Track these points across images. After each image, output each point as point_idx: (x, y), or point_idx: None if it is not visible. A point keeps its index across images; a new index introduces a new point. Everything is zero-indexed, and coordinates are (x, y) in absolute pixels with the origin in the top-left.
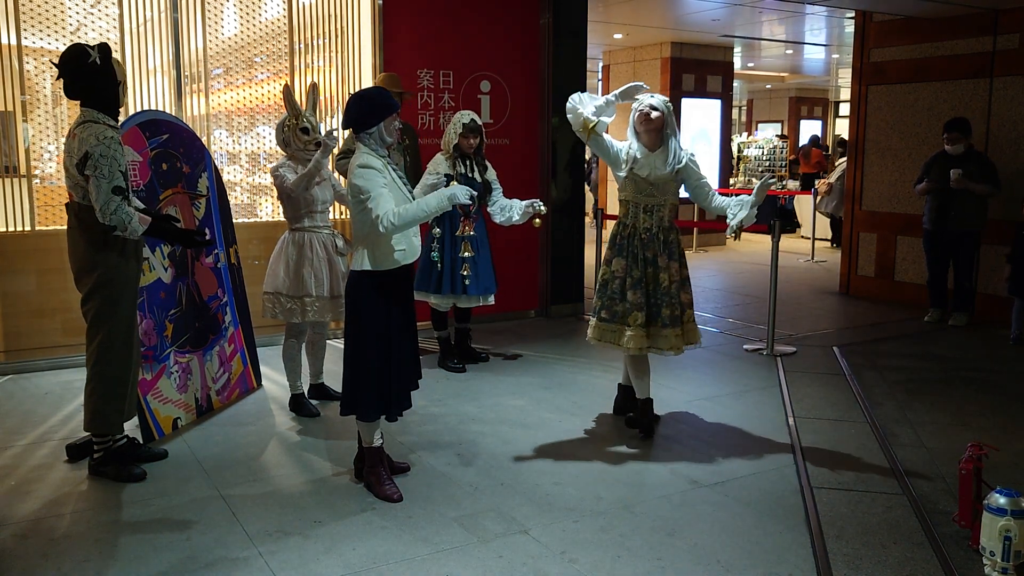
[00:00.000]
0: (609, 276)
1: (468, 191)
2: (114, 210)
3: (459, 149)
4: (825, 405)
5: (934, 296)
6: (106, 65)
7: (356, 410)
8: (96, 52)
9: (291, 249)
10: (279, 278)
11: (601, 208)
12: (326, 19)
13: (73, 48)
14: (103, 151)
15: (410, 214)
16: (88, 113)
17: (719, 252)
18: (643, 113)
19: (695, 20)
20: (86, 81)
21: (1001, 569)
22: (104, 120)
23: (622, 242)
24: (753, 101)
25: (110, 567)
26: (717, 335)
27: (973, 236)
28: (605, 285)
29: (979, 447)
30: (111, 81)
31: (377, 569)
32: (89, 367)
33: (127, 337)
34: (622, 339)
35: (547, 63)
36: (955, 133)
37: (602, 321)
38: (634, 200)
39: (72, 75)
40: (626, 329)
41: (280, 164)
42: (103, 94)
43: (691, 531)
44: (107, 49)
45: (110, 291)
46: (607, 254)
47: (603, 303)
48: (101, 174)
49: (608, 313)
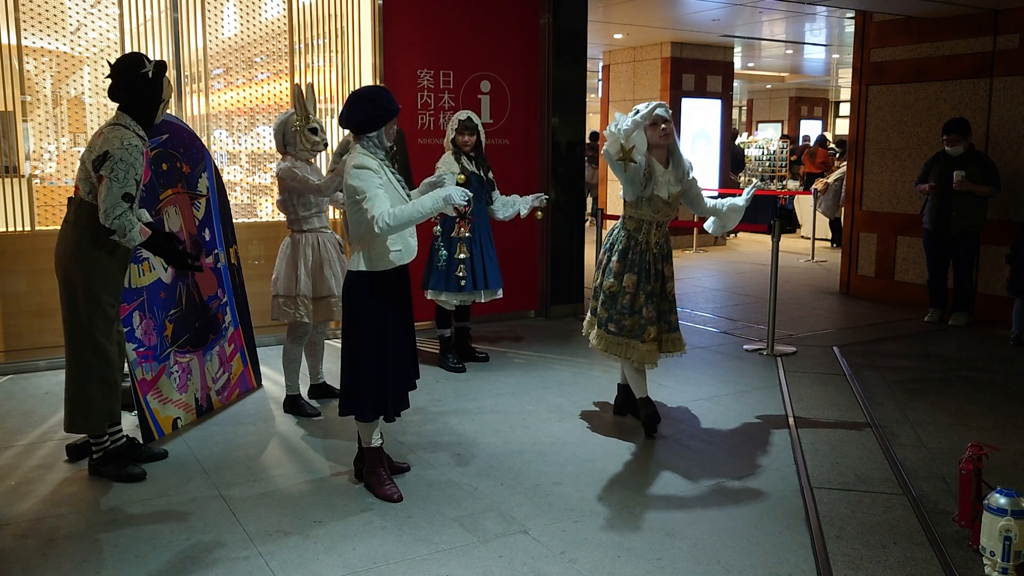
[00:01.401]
0: (619, 290)
1: (464, 192)
2: (118, 215)
3: (456, 146)
4: (825, 405)
5: (934, 296)
6: (155, 81)
7: (354, 410)
8: (151, 66)
9: (307, 251)
10: (300, 281)
11: (601, 208)
12: (326, 19)
13: (132, 55)
14: (123, 155)
15: (405, 215)
16: (122, 117)
17: (719, 252)
18: (656, 125)
19: (695, 20)
20: (131, 89)
21: (1001, 569)
22: (134, 128)
23: (634, 258)
24: (753, 101)
25: (110, 567)
26: (717, 335)
27: (973, 236)
28: (613, 299)
29: (979, 447)
30: (154, 96)
31: (377, 569)
32: (67, 366)
33: (105, 336)
34: (631, 352)
35: (547, 63)
36: (954, 135)
37: (610, 334)
38: (648, 219)
39: (121, 79)
40: (637, 344)
41: (291, 164)
42: (143, 107)
43: (691, 531)
44: (163, 67)
45: (92, 290)
46: (616, 267)
47: (610, 316)
48: (115, 177)
49: (616, 327)
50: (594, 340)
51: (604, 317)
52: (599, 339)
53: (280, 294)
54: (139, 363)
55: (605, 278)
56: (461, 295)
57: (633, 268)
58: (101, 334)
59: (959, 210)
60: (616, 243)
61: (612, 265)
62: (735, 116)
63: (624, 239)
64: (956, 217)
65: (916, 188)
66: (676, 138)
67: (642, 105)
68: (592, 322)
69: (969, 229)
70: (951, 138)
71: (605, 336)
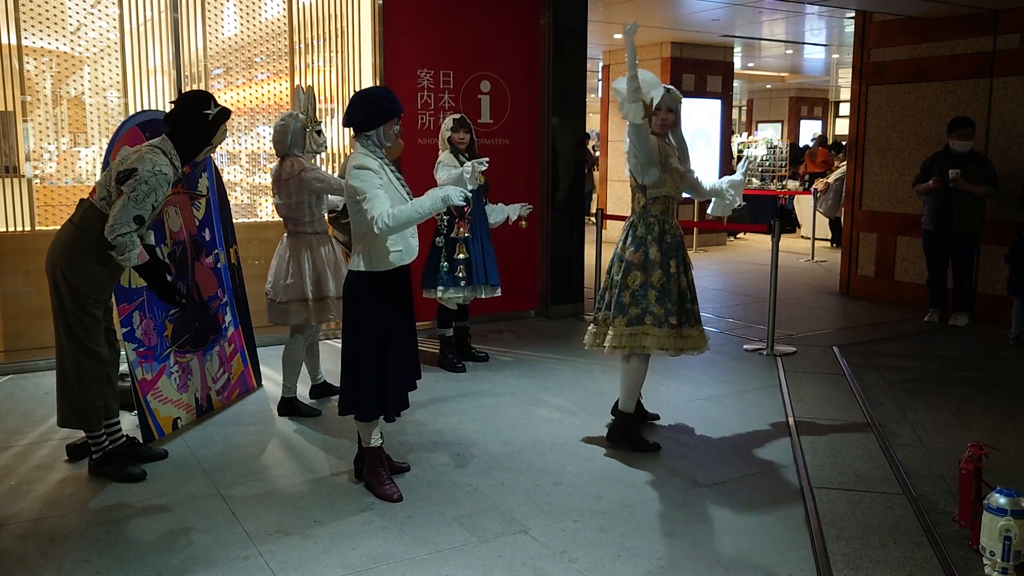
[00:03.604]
0: (666, 280)
1: (462, 192)
2: (123, 233)
3: (452, 144)
4: (825, 405)
5: (934, 296)
6: (212, 125)
7: (354, 410)
8: (214, 109)
9: (321, 252)
10: (323, 281)
11: (601, 208)
12: (326, 19)
13: (202, 93)
14: (150, 179)
15: (404, 215)
16: (165, 143)
17: (719, 252)
18: (659, 110)
19: (695, 20)
20: (187, 123)
21: (1001, 569)
22: (172, 157)
23: (671, 242)
24: (753, 101)
25: (110, 567)
26: (717, 335)
27: (973, 237)
28: (664, 292)
29: (979, 447)
30: (205, 138)
31: (377, 569)
32: (56, 362)
33: (90, 335)
34: (647, 340)
35: (547, 63)
36: (967, 129)
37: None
38: (673, 194)
39: (182, 110)
40: (653, 330)
41: (310, 166)
42: (190, 142)
43: (691, 531)
44: (226, 114)
45: (77, 291)
46: (657, 256)
47: (667, 310)
48: (135, 197)
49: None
50: (623, 339)
51: (662, 314)
52: (616, 337)
53: (291, 299)
54: (139, 363)
55: (648, 274)
56: (463, 291)
57: (672, 254)
58: (87, 333)
59: (960, 211)
60: (649, 234)
61: (653, 256)
62: (735, 116)
63: (657, 226)
64: (957, 218)
65: (914, 189)
66: (679, 126)
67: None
68: (598, 333)
69: (969, 230)
70: (964, 132)
71: (622, 330)
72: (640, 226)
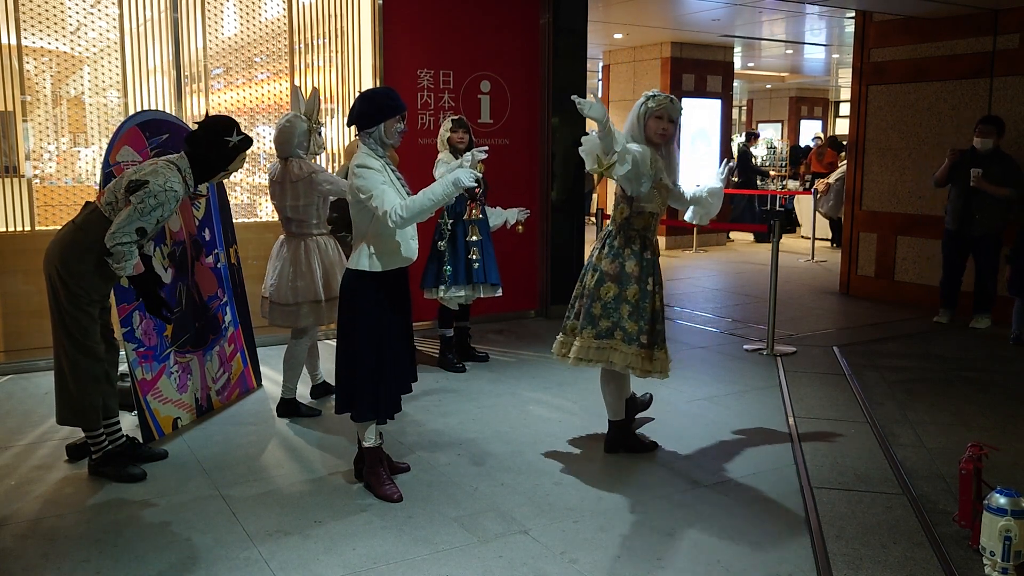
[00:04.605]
0: (642, 296)
1: (473, 174)
2: (123, 242)
3: (451, 144)
4: (825, 405)
5: (946, 297)
6: (231, 152)
7: (350, 409)
8: (236, 137)
9: (329, 252)
10: (332, 282)
11: (601, 208)
12: (326, 19)
13: (228, 120)
14: (159, 194)
15: (417, 204)
16: (182, 160)
17: (719, 252)
18: (661, 119)
19: (695, 20)
20: (207, 148)
21: (1001, 569)
22: (186, 175)
23: (651, 258)
24: (753, 101)
25: (110, 567)
26: (717, 335)
27: (994, 238)
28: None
29: (979, 447)
30: (222, 164)
31: (377, 569)
32: (54, 361)
33: (86, 334)
34: (614, 356)
35: (547, 63)
36: (988, 127)
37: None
38: (656, 211)
39: (204, 133)
40: (622, 347)
41: (321, 169)
42: (207, 166)
43: (691, 531)
44: (247, 143)
45: (72, 291)
46: (634, 271)
47: (640, 328)
48: (141, 208)
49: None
50: (575, 353)
51: (634, 331)
52: (583, 349)
53: (303, 300)
54: (139, 363)
55: (623, 287)
56: (464, 290)
57: (650, 271)
58: (83, 332)
59: (982, 212)
60: (628, 247)
61: (630, 270)
62: (735, 116)
63: (638, 241)
64: (980, 219)
65: (934, 178)
66: (675, 143)
67: (657, 91)
68: (565, 342)
69: (991, 231)
70: (986, 129)
71: (590, 342)
72: (619, 237)
